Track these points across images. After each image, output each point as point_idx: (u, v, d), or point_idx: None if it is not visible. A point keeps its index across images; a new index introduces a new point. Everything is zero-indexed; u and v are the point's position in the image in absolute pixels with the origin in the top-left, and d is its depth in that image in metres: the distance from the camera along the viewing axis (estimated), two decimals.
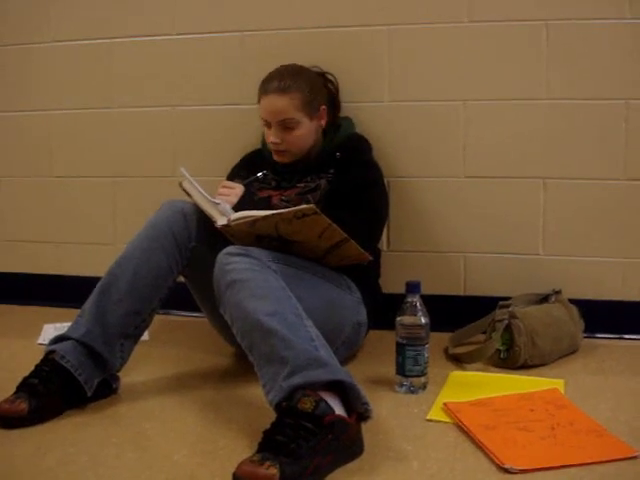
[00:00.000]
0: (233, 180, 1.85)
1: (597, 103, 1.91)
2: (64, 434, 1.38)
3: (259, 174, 1.84)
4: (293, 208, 1.46)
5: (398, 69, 2.01)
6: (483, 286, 2.03)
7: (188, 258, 1.64)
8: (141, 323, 1.59)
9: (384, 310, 1.73)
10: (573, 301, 1.87)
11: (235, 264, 1.43)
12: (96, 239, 2.32)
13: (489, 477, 1.20)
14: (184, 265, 1.64)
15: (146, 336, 1.74)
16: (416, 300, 1.57)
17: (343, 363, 1.48)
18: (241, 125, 2.09)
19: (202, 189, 1.62)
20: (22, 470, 1.25)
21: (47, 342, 1.56)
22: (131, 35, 2.20)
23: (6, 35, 2.30)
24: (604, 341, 1.93)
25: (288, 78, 1.77)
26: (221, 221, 1.55)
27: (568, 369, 1.73)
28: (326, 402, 1.23)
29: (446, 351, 1.84)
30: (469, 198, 2.01)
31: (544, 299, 1.88)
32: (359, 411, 1.28)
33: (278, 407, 1.25)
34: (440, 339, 1.85)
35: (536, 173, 1.97)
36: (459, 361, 1.77)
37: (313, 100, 1.80)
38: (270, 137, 1.80)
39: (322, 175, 1.81)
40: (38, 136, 2.33)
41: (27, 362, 1.51)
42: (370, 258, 1.63)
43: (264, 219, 1.48)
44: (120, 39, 2.21)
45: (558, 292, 1.88)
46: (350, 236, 1.53)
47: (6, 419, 1.39)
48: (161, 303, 1.62)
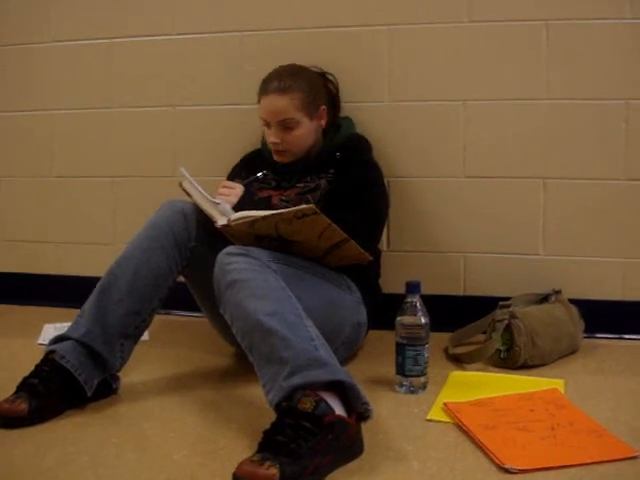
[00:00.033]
0: (233, 180, 1.85)
1: (597, 103, 1.91)
2: (64, 434, 1.38)
3: (259, 174, 1.84)
4: (293, 208, 1.46)
5: (398, 69, 2.01)
6: (483, 286, 2.03)
7: (188, 258, 1.64)
8: (141, 323, 1.59)
9: (384, 310, 1.73)
10: (573, 301, 1.87)
11: (235, 264, 1.43)
12: (96, 239, 2.32)
13: (489, 477, 1.19)
14: (184, 265, 1.64)
15: (146, 336, 1.75)
16: (416, 300, 1.57)
17: (343, 363, 1.48)
18: (241, 125, 2.09)
19: (202, 189, 1.62)
20: (22, 470, 1.25)
21: (47, 342, 1.56)
22: (131, 35, 2.20)
23: (6, 35, 2.30)
24: (604, 341, 1.93)
25: (288, 78, 1.77)
26: (221, 221, 1.55)
27: (568, 369, 1.73)
28: (326, 402, 1.23)
29: (446, 351, 1.84)
30: (469, 198, 2.01)
31: (544, 299, 1.88)
32: (359, 411, 1.28)
33: (278, 407, 1.25)
34: (440, 339, 1.85)
35: (536, 173, 1.97)
36: (459, 361, 1.77)
37: (313, 100, 1.80)
38: (270, 137, 1.80)
39: (322, 175, 1.81)
40: (38, 136, 2.33)
41: (27, 362, 1.51)
42: (370, 258, 1.63)
43: (264, 219, 1.48)
44: (120, 39, 2.21)
45: (558, 292, 1.88)
46: (350, 236, 1.53)
47: (6, 419, 1.39)
48: (161, 303, 1.62)
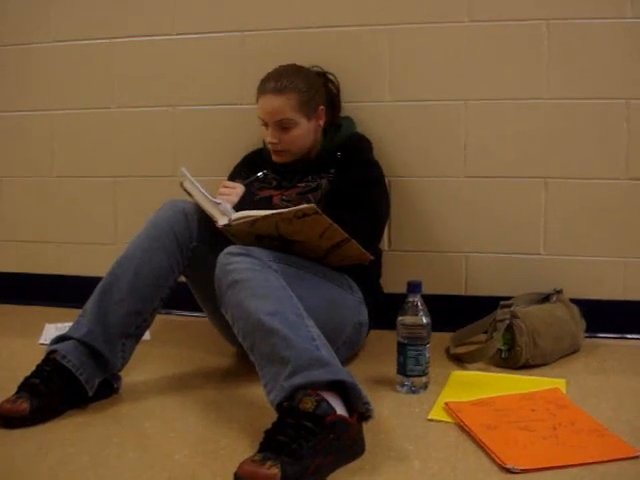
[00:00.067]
0: (234, 180, 1.85)
1: (598, 103, 1.91)
2: (65, 434, 1.38)
3: (259, 174, 1.84)
4: (294, 208, 1.46)
5: (399, 69, 2.01)
6: (484, 286, 2.03)
7: (189, 258, 1.64)
8: (142, 323, 1.59)
9: (385, 310, 1.73)
10: (574, 301, 1.87)
11: (236, 264, 1.43)
12: (97, 239, 2.32)
13: (490, 477, 1.19)
14: (185, 265, 1.64)
15: (147, 336, 1.75)
16: (417, 300, 1.57)
17: (344, 363, 1.49)
18: (241, 125, 2.09)
19: (203, 189, 1.62)
20: (23, 470, 1.25)
21: (48, 342, 1.56)
22: (131, 35, 2.20)
23: (6, 35, 2.30)
24: (605, 341, 1.93)
25: (285, 78, 1.77)
26: (222, 221, 1.55)
27: (569, 369, 1.72)
28: (327, 402, 1.23)
29: (447, 351, 1.84)
30: (470, 198, 2.01)
31: (545, 299, 1.88)
32: (360, 411, 1.28)
33: (279, 407, 1.25)
34: (441, 339, 1.85)
35: (537, 173, 1.97)
36: (460, 361, 1.77)
37: (310, 100, 1.79)
38: (268, 137, 1.80)
39: (323, 175, 1.81)
40: (39, 136, 2.33)
41: (28, 362, 1.51)
42: (371, 258, 1.63)
43: (264, 219, 1.48)
44: (120, 39, 2.21)
45: (559, 292, 1.88)
46: (351, 236, 1.53)
47: (8, 419, 1.39)
48: (162, 303, 1.62)
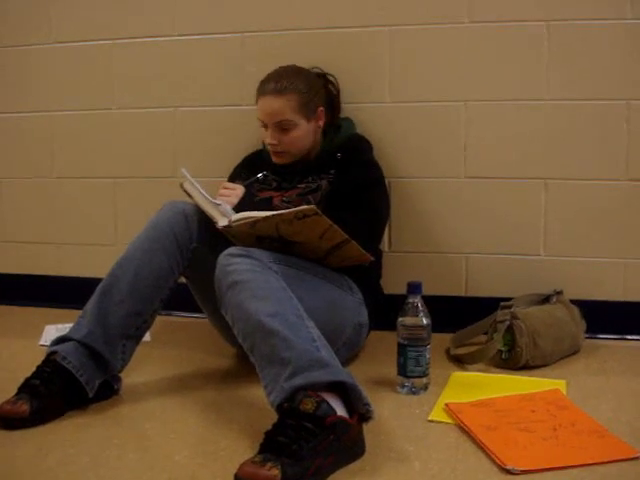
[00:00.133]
0: (234, 181, 1.85)
1: (598, 103, 1.91)
2: (65, 435, 1.38)
3: (259, 175, 1.84)
4: (294, 209, 1.46)
5: (399, 70, 2.01)
6: (484, 287, 2.03)
7: (189, 259, 1.64)
8: (142, 324, 1.59)
9: (385, 311, 1.73)
10: (574, 302, 1.87)
11: (236, 265, 1.43)
12: (97, 240, 2.32)
13: (490, 478, 1.19)
14: (185, 266, 1.64)
15: (147, 337, 1.75)
16: (417, 301, 1.57)
17: (344, 364, 1.48)
18: (241, 126, 2.09)
19: (203, 190, 1.62)
20: (23, 471, 1.25)
21: (49, 343, 1.56)
22: (131, 36, 2.20)
23: (6, 36, 2.30)
24: (606, 342, 1.93)
25: (285, 79, 1.77)
26: (222, 222, 1.55)
27: (570, 370, 1.72)
28: (328, 403, 1.23)
29: (448, 352, 1.84)
30: (470, 199, 2.01)
31: (545, 300, 1.88)
32: (360, 412, 1.28)
33: (280, 408, 1.25)
34: (441, 340, 1.85)
35: (537, 174, 1.97)
36: (461, 362, 1.77)
37: (310, 101, 1.79)
38: (267, 138, 1.80)
39: (323, 176, 1.81)
40: (39, 137, 2.33)
41: (28, 363, 1.51)
42: (371, 259, 1.63)
43: (265, 220, 1.48)
44: (120, 40, 2.21)
45: (559, 293, 1.88)
46: (351, 237, 1.53)
47: (8, 420, 1.39)
48: (162, 304, 1.62)
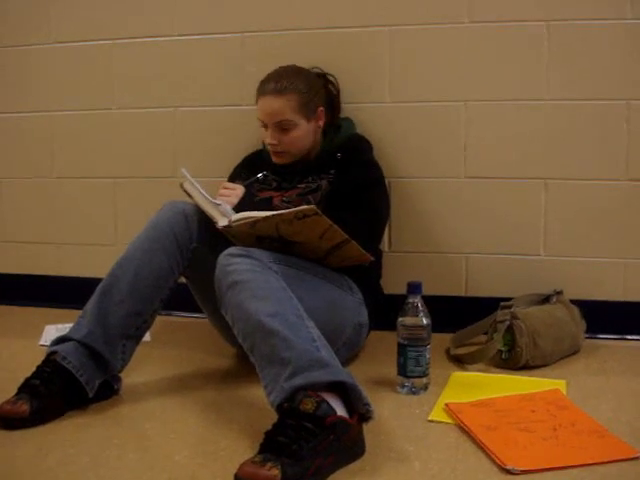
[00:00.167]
0: (234, 181, 1.85)
1: (598, 103, 1.91)
2: (65, 435, 1.38)
3: (259, 175, 1.84)
4: (294, 209, 1.46)
5: (399, 70, 2.01)
6: (484, 287, 2.03)
7: (189, 259, 1.64)
8: (142, 324, 1.59)
9: (385, 311, 1.73)
10: (574, 302, 1.87)
11: (236, 265, 1.43)
12: (97, 240, 2.32)
13: (490, 478, 1.19)
14: (185, 266, 1.64)
15: (147, 337, 1.75)
16: (417, 301, 1.57)
17: (344, 364, 1.48)
18: (242, 126, 2.09)
19: (203, 190, 1.62)
20: (23, 471, 1.25)
21: (49, 343, 1.56)
22: (131, 36, 2.20)
23: (6, 36, 2.30)
24: (606, 342, 1.93)
25: (285, 80, 1.77)
26: (222, 222, 1.55)
27: (570, 370, 1.72)
28: (327, 403, 1.23)
29: (448, 352, 1.84)
30: (470, 199, 2.01)
31: (545, 300, 1.88)
32: (360, 412, 1.28)
33: (280, 408, 1.25)
34: (442, 340, 1.85)
35: (537, 174, 1.97)
36: (461, 362, 1.77)
37: (310, 101, 1.79)
38: (267, 138, 1.80)
39: (323, 176, 1.81)
40: (39, 137, 2.33)
41: (28, 363, 1.51)
42: (371, 259, 1.63)
43: (265, 220, 1.48)
44: (120, 40, 2.21)
45: (559, 293, 1.88)
46: (351, 237, 1.53)
47: (8, 420, 1.39)
48: (162, 304, 1.62)
